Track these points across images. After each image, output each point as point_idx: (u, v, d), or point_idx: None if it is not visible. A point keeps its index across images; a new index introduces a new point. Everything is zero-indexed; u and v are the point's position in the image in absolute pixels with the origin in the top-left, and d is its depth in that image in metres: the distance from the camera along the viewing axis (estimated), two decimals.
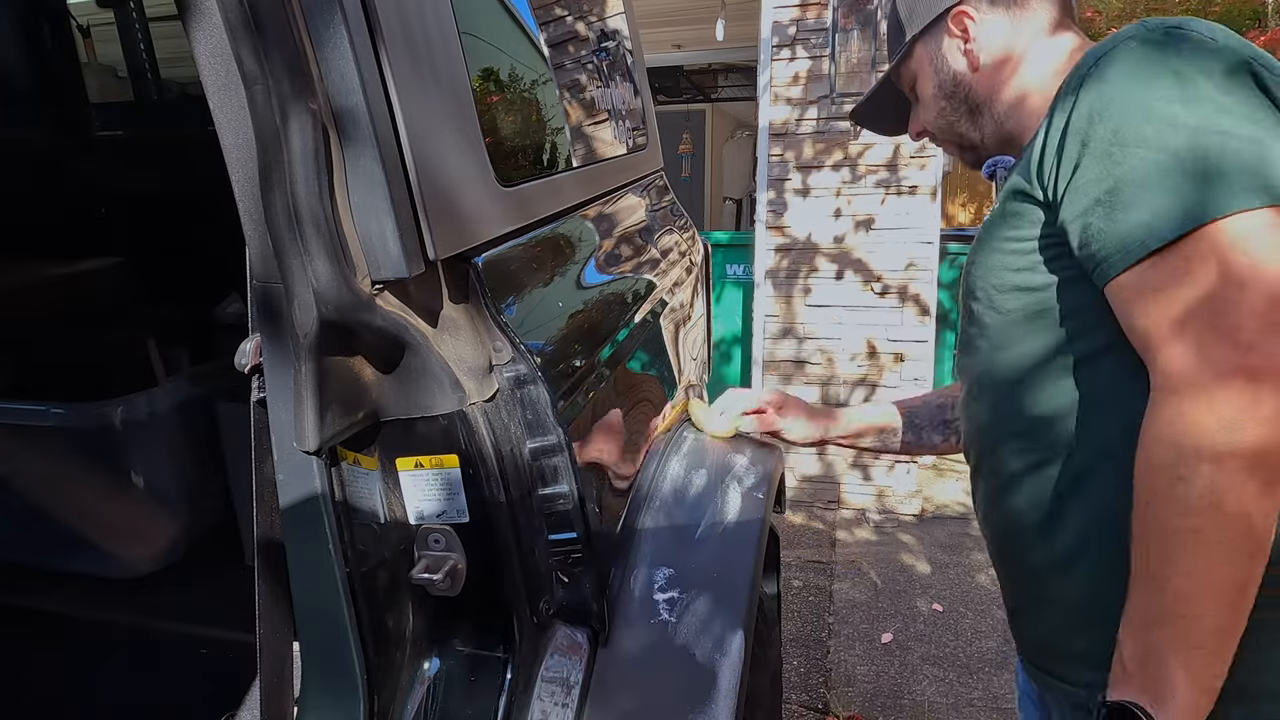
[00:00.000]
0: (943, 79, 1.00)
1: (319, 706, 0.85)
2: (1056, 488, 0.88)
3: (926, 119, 1.05)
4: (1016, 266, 0.87)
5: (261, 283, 0.77)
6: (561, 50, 1.30)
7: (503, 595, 0.85)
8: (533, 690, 0.88)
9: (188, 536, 1.81)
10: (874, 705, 2.40)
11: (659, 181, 1.78)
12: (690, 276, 1.63)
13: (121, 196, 2.46)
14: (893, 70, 1.06)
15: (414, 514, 0.82)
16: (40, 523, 1.74)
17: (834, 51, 3.44)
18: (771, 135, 3.69)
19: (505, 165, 0.95)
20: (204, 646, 1.67)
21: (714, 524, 1.13)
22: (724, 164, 7.32)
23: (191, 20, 0.71)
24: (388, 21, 0.73)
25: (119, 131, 2.71)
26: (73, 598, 1.78)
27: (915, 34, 1.00)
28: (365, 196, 0.72)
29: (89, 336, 2.10)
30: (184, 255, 2.19)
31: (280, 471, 0.81)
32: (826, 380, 3.78)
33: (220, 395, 1.78)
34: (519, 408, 0.83)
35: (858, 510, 3.73)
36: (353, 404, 0.75)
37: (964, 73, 0.98)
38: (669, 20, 5.21)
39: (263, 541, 0.84)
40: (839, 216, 3.66)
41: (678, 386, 1.42)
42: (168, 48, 2.58)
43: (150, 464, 1.74)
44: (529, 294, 0.95)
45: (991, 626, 2.77)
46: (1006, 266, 0.88)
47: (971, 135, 1.01)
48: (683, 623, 0.98)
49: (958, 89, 0.99)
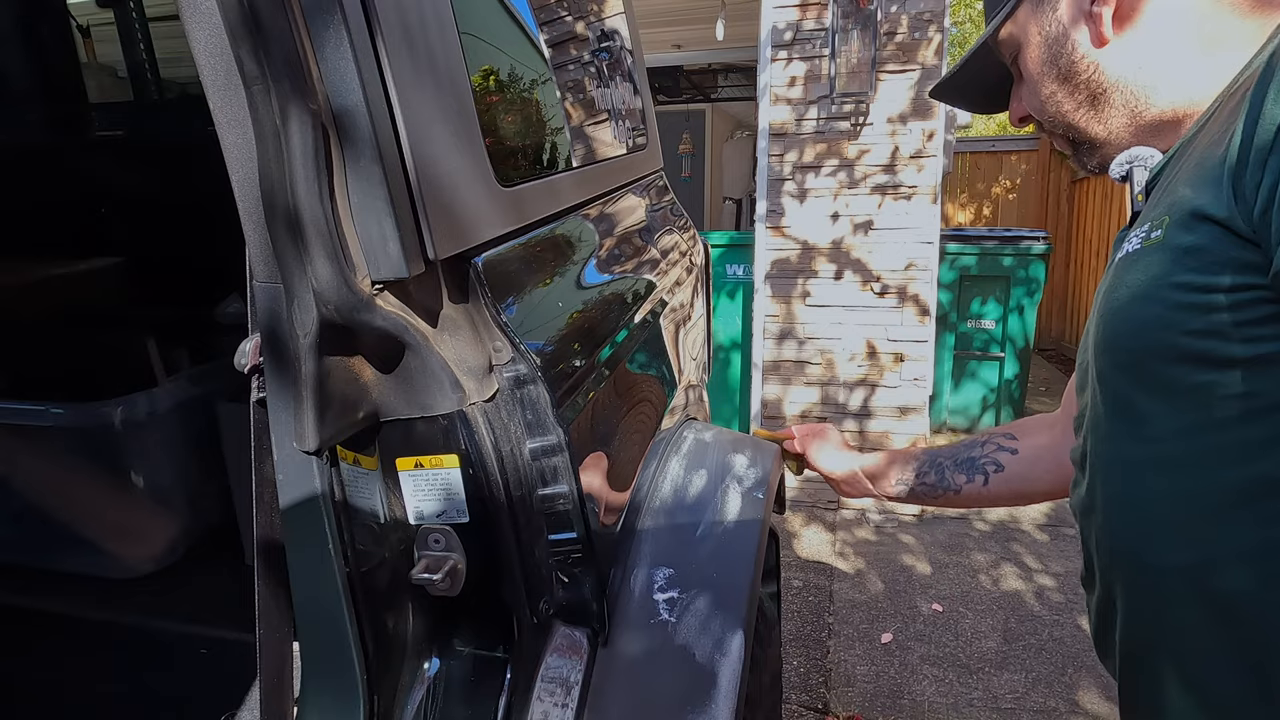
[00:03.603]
0: (1056, 54, 0.75)
1: (319, 706, 0.85)
2: (1244, 666, 0.63)
3: (1032, 104, 0.80)
4: (1197, 328, 0.60)
5: (261, 283, 0.77)
6: (561, 50, 1.30)
7: (502, 595, 0.85)
8: (533, 690, 0.87)
9: (188, 536, 1.81)
10: (874, 705, 2.40)
11: (659, 181, 1.78)
12: (690, 276, 1.63)
13: (121, 196, 2.46)
14: (990, 34, 0.81)
15: (414, 514, 0.82)
16: (40, 523, 1.74)
17: (834, 52, 3.44)
18: (771, 136, 3.69)
19: (505, 165, 0.95)
20: (204, 646, 1.67)
21: (714, 524, 1.13)
22: (724, 164, 7.31)
23: (191, 20, 0.71)
24: (387, 21, 0.73)
25: (119, 131, 2.71)
26: (73, 598, 1.78)
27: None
28: (365, 196, 0.72)
29: (89, 336, 2.10)
30: (184, 255, 2.20)
31: (280, 471, 0.81)
32: (826, 381, 3.78)
33: (220, 395, 1.78)
34: (519, 408, 0.83)
35: (858, 510, 3.73)
36: (353, 404, 0.75)
37: (1086, 49, 0.73)
38: (669, 20, 5.20)
39: (263, 541, 0.84)
40: (839, 217, 3.66)
41: (678, 387, 1.42)
42: (168, 48, 2.58)
43: (150, 464, 1.74)
44: (529, 294, 0.95)
45: (991, 626, 2.77)
46: (1179, 326, 0.61)
47: (1092, 130, 0.76)
48: (682, 623, 0.98)
49: (1075, 70, 0.74)
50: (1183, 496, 0.64)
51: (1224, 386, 0.60)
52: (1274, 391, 0.58)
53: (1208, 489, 0.62)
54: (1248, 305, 0.57)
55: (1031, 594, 2.97)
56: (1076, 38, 0.73)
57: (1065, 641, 2.66)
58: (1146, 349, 0.64)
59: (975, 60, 0.86)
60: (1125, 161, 0.73)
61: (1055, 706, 2.37)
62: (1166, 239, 0.63)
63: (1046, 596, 2.94)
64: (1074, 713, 2.35)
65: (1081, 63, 0.73)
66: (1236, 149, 0.57)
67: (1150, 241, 0.65)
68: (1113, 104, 0.73)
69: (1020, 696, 2.42)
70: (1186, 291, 0.60)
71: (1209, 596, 0.64)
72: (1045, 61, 0.76)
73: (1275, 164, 0.54)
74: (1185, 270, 0.60)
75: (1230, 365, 0.59)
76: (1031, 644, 2.67)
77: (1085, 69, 0.73)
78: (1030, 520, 3.56)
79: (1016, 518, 3.59)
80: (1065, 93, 0.76)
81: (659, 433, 1.28)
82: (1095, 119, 0.75)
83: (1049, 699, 2.41)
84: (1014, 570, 3.15)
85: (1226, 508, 0.61)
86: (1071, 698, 2.41)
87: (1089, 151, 0.79)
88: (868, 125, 3.56)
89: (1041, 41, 0.75)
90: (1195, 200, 0.60)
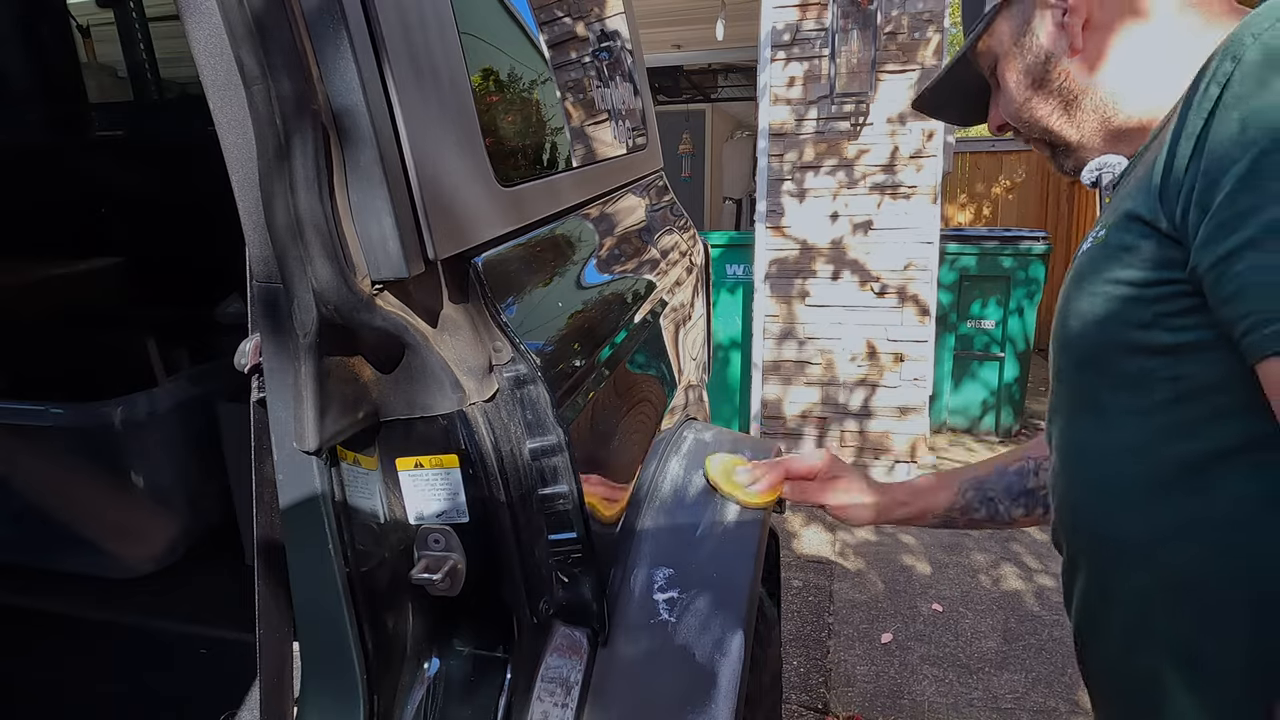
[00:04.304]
0: (1031, 62, 0.79)
1: (319, 706, 0.85)
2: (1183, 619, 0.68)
3: (1008, 111, 0.84)
4: (1135, 320, 0.66)
5: (261, 283, 0.77)
6: (561, 50, 1.30)
7: (502, 595, 0.85)
8: (533, 690, 0.88)
9: (188, 536, 1.81)
10: (874, 705, 2.40)
11: (659, 181, 1.78)
12: (690, 276, 1.63)
13: (122, 196, 2.46)
14: (970, 47, 0.84)
15: (414, 514, 0.82)
16: (40, 523, 1.74)
17: (834, 52, 3.44)
18: (771, 136, 3.69)
19: (505, 165, 0.95)
20: (204, 646, 1.67)
21: (714, 524, 1.13)
22: (724, 164, 7.32)
23: (191, 20, 0.71)
24: (388, 21, 0.73)
25: (119, 131, 2.71)
26: (73, 598, 1.78)
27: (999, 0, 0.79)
28: (365, 196, 0.72)
29: (89, 336, 2.10)
30: (184, 255, 2.20)
31: (280, 471, 0.81)
32: (826, 381, 3.78)
33: (220, 395, 1.78)
34: (519, 408, 0.83)
35: None
36: (353, 404, 0.75)
37: (1059, 55, 0.77)
38: (669, 20, 5.21)
39: (263, 541, 0.84)
40: (838, 217, 3.66)
41: (678, 387, 1.42)
42: (168, 48, 2.58)
43: (150, 464, 1.74)
44: (529, 294, 0.95)
45: (991, 626, 2.77)
46: (1120, 318, 0.67)
47: (1066, 134, 0.80)
48: (682, 623, 0.98)
49: (1049, 76, 0.78)
50: (1132, 476, 0.70)
51: (1158, 371, 0.65)
52: (1197, 375, 0.63)
53: (1152, 467, 0.68)
54: (1171, 298, 0.63)
55: (1031, 594, 2.97)
56: (1050, 47, 0.77)
57: (1065, 641, 2.66)
58: (1095, 339, 0.70)
59: (954, 73, 0.89)
60: (1095, 168, 0.78)
61: (1055, 706, 2.37)
62: (1108, 239, 0.69)
63: (1046, 596, 2.94)
64: (1074, 713, 2.35)
65: (1054, 70, 0.78)
66: (1164, 156, 0.62)
67: (1098, 240, 0.71)
68: (1084, 109, 0.78)
69: (1020, 696, 2.42)
70: (1125, 286, 0.66)
71: (1156, 565, 0.70)
72: (1022, 70, 0.80)
73: (1194, 169, 0.59)
74: (1123, 267, 0.67)
75: (1162, 352, 0.65)
76: (1031, 644, 2.67)
77: (1058, 76, 0.78)
78: None
79: None
80: (1040, 99, 0.80)
81: (659, 433, 1.28)
82: (1069, 124, 0.80)
83: (1049, 699, 2.41)
84: (1014, 570, 3.15)
85: (1167, 483, 0.67)
86: (1071, 698, 2.41)
87: (1065, 154, 0.83)
88: (867, 125, 3.56)
89: (1018, 51, 0.80)
90: (1131, 204, 0.66)
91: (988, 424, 4.54)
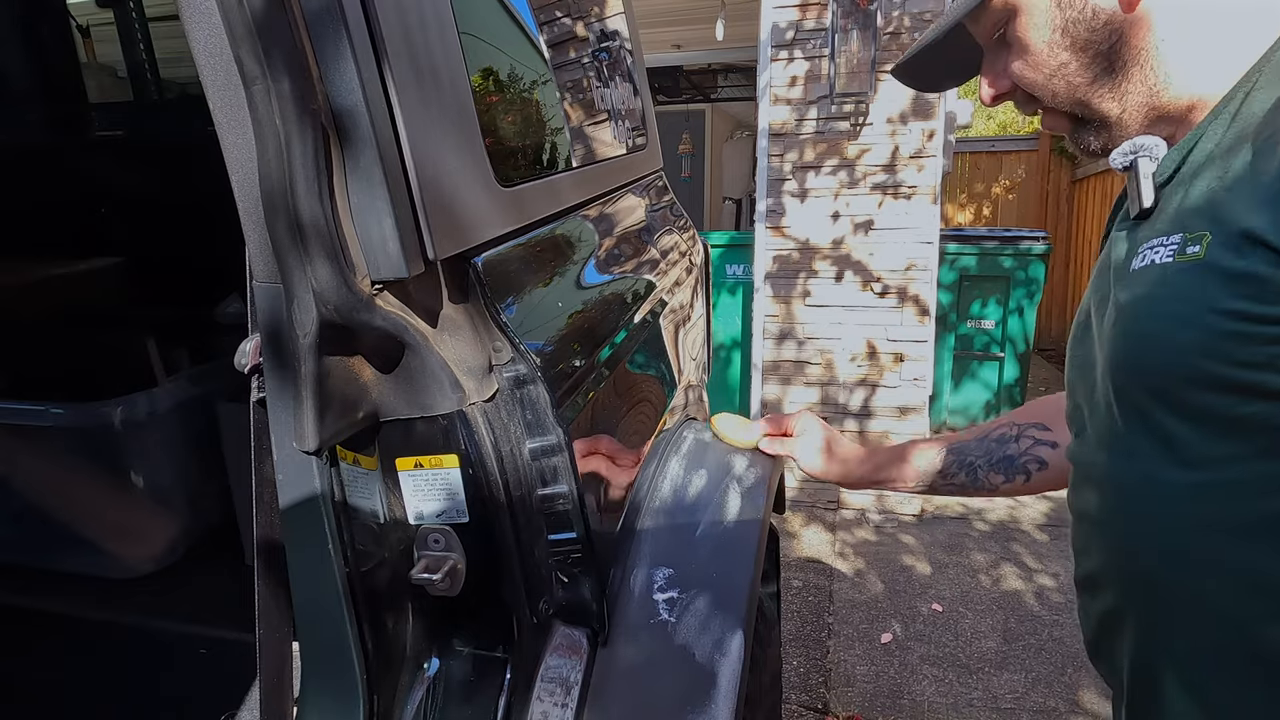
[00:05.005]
0: (1073, 18, 0.67)
1: (319, 706, 0.85)
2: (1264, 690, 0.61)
3: (1030, 78, 0.71)
4: (1241, 358, 0.56)
5: (261, 283, 0.77)
6: (561, 50, 1.30)
7: (502, 595, 0.85)
8: (532, 690, 0.87)
9: (188, 536, 1.81)
10: (874, 705, 2.40)
11: (659, 181, 1.78)
12: (690, 277, 1.63)
13: (121, 196, 2.46)
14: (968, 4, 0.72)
15: (414, 514, 0.82)
16: (40, 523, 1.74)
17: (834, 52, 3.44)
18: (771, 136, 3.69)
19: (505, 165, 0.95)
20: (204, 646, 1.67)
21: (714, 524, 1.13)
22: (724, 164, 7.31)
23: (191, 20, 0.71)
24: (388, 22, 0.73)
25: (119, 131, 2.71)
26: (73, 598, 1.78)
27: None
28: (365, 196, 0.72)
29: (89, 336, 2.10)
30: (184, 255, 2.20)
31: (280, 471, 0.81)
32: (826, 381, 3.78)
33: (220, 395, 1.78)
34: (519, 408, 0.83)
35: (858, 510, 3.73)
36: (353, 404, 0.75)
37: (1110, 14, 0.66)
38: (669, 20, 5.21)
39: (262, 541, 0.84)
40: (839, 217, 3.66)
41: (677, 387, 1.42)
42: (168, 48, 2.58)
43: (150, 464, 1.74)
44: (529, 294, 0.95)
45: (991, 626, 2.77)
46: (1219, 353, 0.57)
47: (1104, 107, 0.69)
48: (682, 623, 0.98)
49: (1095, 36, 0.66)
50: (1217, 523, 0.61)
51: (1261, 416, 0.57)
52: None
53: (1244, 517, 0.60)
54: None
55: (1031, 594, 2.98)
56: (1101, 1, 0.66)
57: (1065, 641, 2.66)
58: (1183, 374, 0.60)
59: (942, 40, 0.78)
60: (1130, 150, 0.68)
61: (1055, 706, 2.37)
62: (1209, 258, 0.57)
63: (1046, 596, 2.94)
64: (1074, 713, 2.35)
65: (1103, 30, 0.66)
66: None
67: (1186, 257, 0.59)
68: (1131, 78, 0.67)
69: (1020, 696, 2.42)
70: (1236, 320, 0.56)
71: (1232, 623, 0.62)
72: (1056, 28, 0.68)
73: None
74: (1235, 297, 0.56)
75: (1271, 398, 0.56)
76: (1031, 644, 2.67)
77: (1106, 36, 0.66)
78: (1030, 520, 3.56)
79: (1016, 518, 3.59)
80: (1080, 63, 0.68)
81: (659, 433, 1.28)
82: (1111, 94, 0.68)
83: (1049, 699, 2.41)
84: (1014, 570, 3.15)
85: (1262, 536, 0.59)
86: (1071, 698, 2.41)
87: (1096, 130, 0.72)
88: (868, 125, 3.56)
89: (1053, 6, 0.68)
90: (1247, 220, 0.55)
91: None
